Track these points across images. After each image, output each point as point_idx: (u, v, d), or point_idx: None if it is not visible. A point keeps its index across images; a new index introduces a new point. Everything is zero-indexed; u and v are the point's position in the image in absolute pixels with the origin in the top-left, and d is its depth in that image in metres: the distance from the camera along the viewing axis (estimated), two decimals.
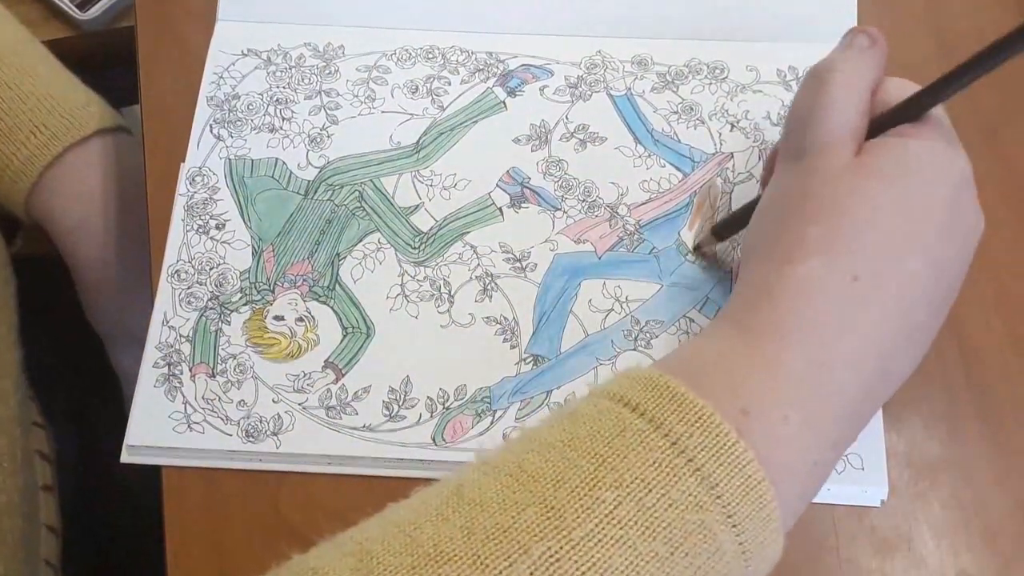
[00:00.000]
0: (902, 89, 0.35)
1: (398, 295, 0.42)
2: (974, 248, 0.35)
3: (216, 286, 0.43)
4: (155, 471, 0.40)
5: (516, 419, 0.40)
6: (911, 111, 0.34)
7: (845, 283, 0.31)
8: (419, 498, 0.29)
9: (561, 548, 0.26)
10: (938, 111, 0.34)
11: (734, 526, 0.27)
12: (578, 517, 0.26)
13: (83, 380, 0.61)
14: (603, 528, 0.26)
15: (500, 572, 0.25)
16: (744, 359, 0.30)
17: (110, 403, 0.57)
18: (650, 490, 0.27)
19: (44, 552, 0.50)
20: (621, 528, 0.26)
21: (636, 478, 0.27)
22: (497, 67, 0.48)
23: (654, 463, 0.27)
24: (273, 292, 0.43)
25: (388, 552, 0.26)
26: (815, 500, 0.38)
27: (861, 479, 0.38)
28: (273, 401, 0.40)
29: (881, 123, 0.34)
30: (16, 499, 0.46)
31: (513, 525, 0.26)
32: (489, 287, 0.43)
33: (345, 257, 0.43)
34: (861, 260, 0.31)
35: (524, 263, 0.43)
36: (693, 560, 0.27)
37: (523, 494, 0.27)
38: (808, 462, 0.30)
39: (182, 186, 0.45)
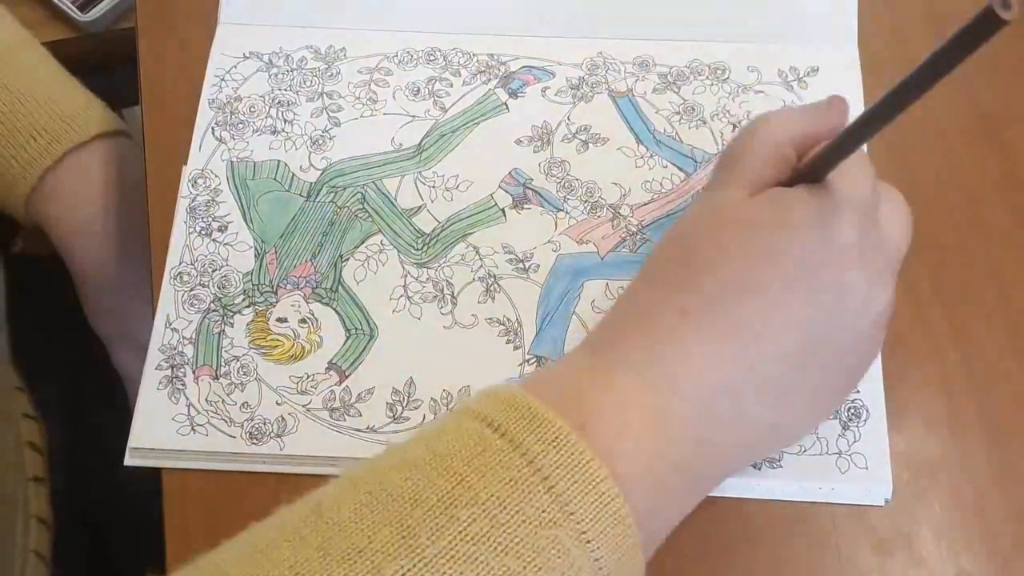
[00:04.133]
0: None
1: (401, 296, 0.43)
2: (867, 326, 0.34)
3: (219, 288, 0.43)
4: (154, 470, 0.40)
5: None
6: (813, 172, 0.34)
7: (675, 316, 0.33)
8: (280, 516, 0.30)
9: (414, 567, 0.27)
10: (861, 177, 0.34)
11: (588, 541, 0.28)
12: (431, 535, 0.27)
13: (81, 378, 0.61)
14: (455, 545, 0.27)
15: None
16: (588, 380, 0.32)
17: (108, 400, 0.57)
18: (504, 507, 0.28)
19: (34, 543, 0.50)
20: (473, 545, 0.27)
21: (491, 496, 0.28)
22: (499, 69, 0.48)
23: (510, 481, 0.28)
24: (276, 294, 0.43)
25: (244, 573, 0.27)
26: (816, 499, 0.38)
27: (865, 478, 0.38)
28: (277, 403, 0.40)
29: (789, 183, 0.35)
30: None
31: (368, 546, 0.27)
32: (492, 288, 0.43)
33: (348, 259, 0.43)
34: (693, 297, 0.33)
35: (527, 264, 0.43)
36: (546, 575, 0.28)
37: (380, 514, 0.28)
38: (649, 478, 0.31)
39: (184, 188, 0.45)
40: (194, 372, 0.41)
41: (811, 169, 0.34)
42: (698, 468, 0.33)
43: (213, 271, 0.43)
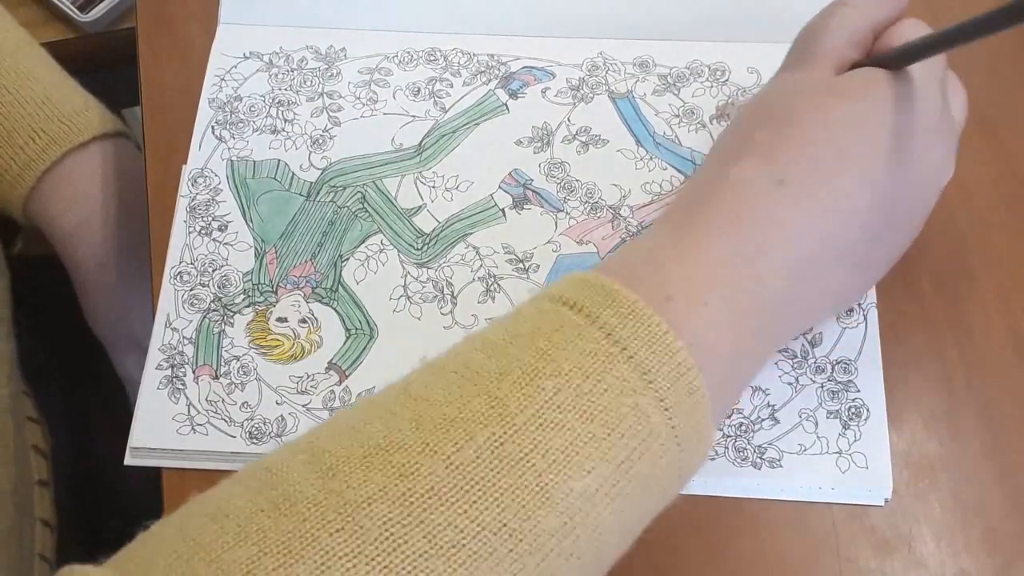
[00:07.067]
0: (913, 29, 0.36)
1: (401, 296, 0.43)
2: (933, 193, 0.37)
3: (219, 288, 0.43)
4: (154, 471, 0.40)
5: None
6: (901, 60, 0.35)
7: (771, 186, 0.33)
8: (367, 401, 0.30)
9: (504, 433, 0.27)
10: (936, 62, 0.36)
11: (666, 409, 0.29)
12: (520, 404, 0.28)
13: (81, 380, 0.61)
14: (543, 413, 0.28)
15: (448, 456, 0.27)
16: (671, 251, 0.33)
17: (107, 402, 0.57)
18: (587, 377, 0.29)
19: (39, 546, 0.50)
20: (560, 412, 0.28)
21: (574, 367, 0.29)
22: (499, 69, 0.48)
23: (590, 353, 0.29)
24: (276, 294, 0.43)
25: (339, 446, 0.28)
26: (815, 500, 0.38)
27: (865, 478, 0.38)
28: (277, 403, 0.40)
29: (872, 63, 0.36)
30: (7, 489, 0.46)
31: (459, 416, 0.28)
32: (492, 288, 0.43)
33: (348, 259, 0.43)
34: (793, 167, 0.33)
35: (527, 264, 0.43)
36: (628, 441, 0.28)
37: (468, 388, 0.29)
38: (728, 347, 0.31)
39: (184, 188, 0.45)
40: (194, 372, 0.41)
41: (893, 57, 0.35)
42: (774, 332, 0.34)
43: (213, 271, 0.43)
